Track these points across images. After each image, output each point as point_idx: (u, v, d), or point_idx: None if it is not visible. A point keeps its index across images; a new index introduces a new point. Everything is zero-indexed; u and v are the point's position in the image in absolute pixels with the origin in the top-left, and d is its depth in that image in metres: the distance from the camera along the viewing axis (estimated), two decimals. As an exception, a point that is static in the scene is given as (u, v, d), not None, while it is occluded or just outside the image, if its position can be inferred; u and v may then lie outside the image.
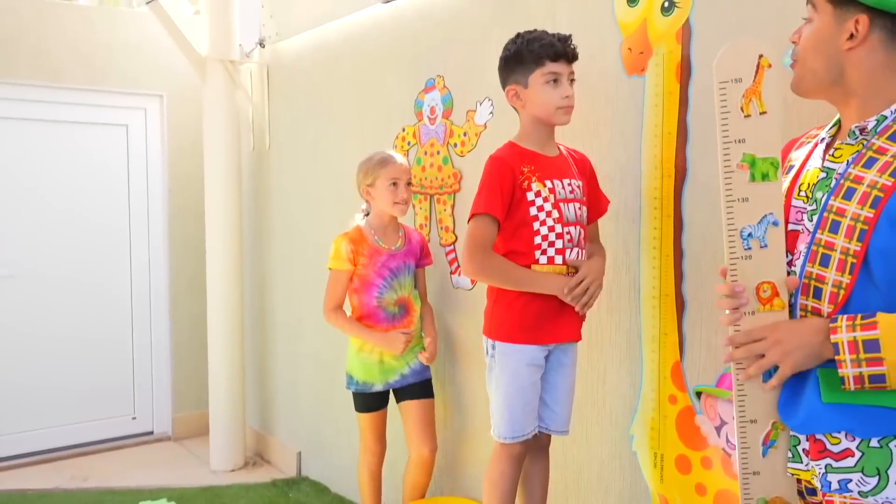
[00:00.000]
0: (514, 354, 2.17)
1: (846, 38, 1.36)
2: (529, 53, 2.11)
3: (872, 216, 1.30)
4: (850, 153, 1.39)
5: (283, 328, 4.16)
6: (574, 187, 2.19)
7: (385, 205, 2.78)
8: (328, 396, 3.79)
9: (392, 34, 3.20)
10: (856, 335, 1.28)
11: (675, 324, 2.18)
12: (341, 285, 2.84)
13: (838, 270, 1.34)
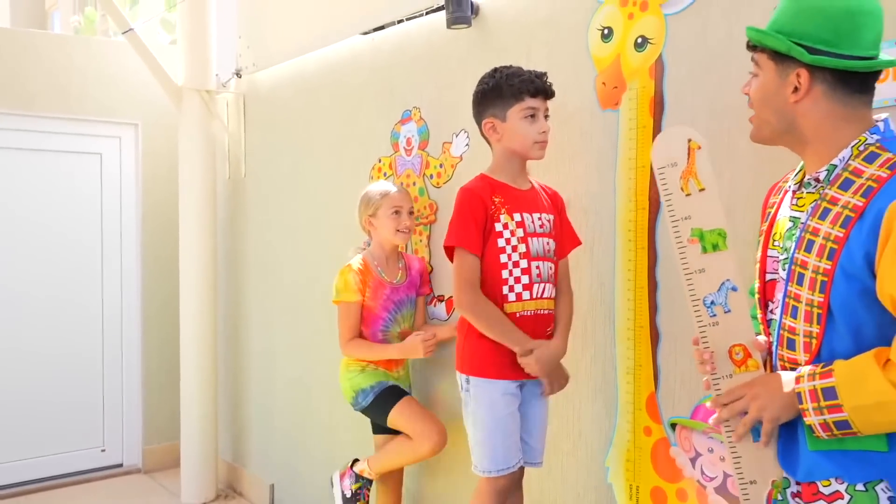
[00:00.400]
0: (488, 387, 2.17)
1: (791, 91, 1.42)
2: (510, 88, 2.14)
3: (830, 268, 1.35)
4: (810, 201, 1.44)
5: (257, 357, 4.11)
6: (544, 221, 2.20)
7: (388, 233, 2.76)
8: (302, 427, 3.75)
9: (369, 66, 3.22)
10: (815, 384, 1.34)
11: (650, 355, 2.19)
12: (354, 316, 2.78)
13: (806, 321, 1.40)
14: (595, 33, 2.31)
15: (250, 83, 4.09)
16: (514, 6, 2.59)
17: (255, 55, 4.01)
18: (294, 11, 3.71)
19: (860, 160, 1.37)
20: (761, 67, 1.47)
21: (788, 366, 1.45)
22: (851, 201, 1.34)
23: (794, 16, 1.41)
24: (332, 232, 3.48)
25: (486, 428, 2.17)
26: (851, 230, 1.32)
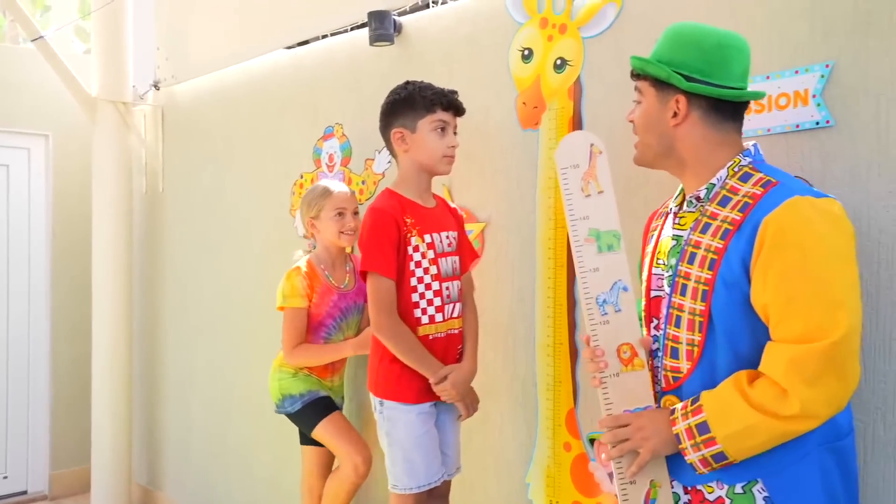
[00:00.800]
0: (404, 409, 2.15)
1: (671, 116, 1.53)
2: (422, 99, 2.12)
3: (710, 277, 1.44)
4: (691, 220, 1.54)
5: (174, 377, 3.99)
6: (451, 239, 2.21)
7: (331, 236, 2.64)
8: (221, 449, 3.65)
9: (291, 81, 3.19)
10: (689, 422, 1.42)
11: (569, 372, 2.22)
12: (300, 323, 2.63)
13: (689, 330, 1.48)
14: (516, 54, 2.34)
15: (169, 95, 3.99)
16: (436, 25, 2.61)
17: (175, 67, 3.91)
18: (215, 23, 3.65)
19: (735, 179, 1.49)
20: (644, 94, 1.57)
21: (671, 374, 1.52)
22: (730, 215, 1.45)
23: (672, 47, 1.53)
24: (252, 249, 3.42)
25: (404, 447, 2.15)
26: (730, 241, 1.42)
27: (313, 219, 2.66)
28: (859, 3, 1.64)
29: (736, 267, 1.41)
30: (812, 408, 1.33)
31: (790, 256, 1.35)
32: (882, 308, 1.62)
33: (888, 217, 1.61)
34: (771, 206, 1.39)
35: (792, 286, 1.34)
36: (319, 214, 2.64)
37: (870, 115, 1.63)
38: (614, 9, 2.10)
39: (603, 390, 1.53)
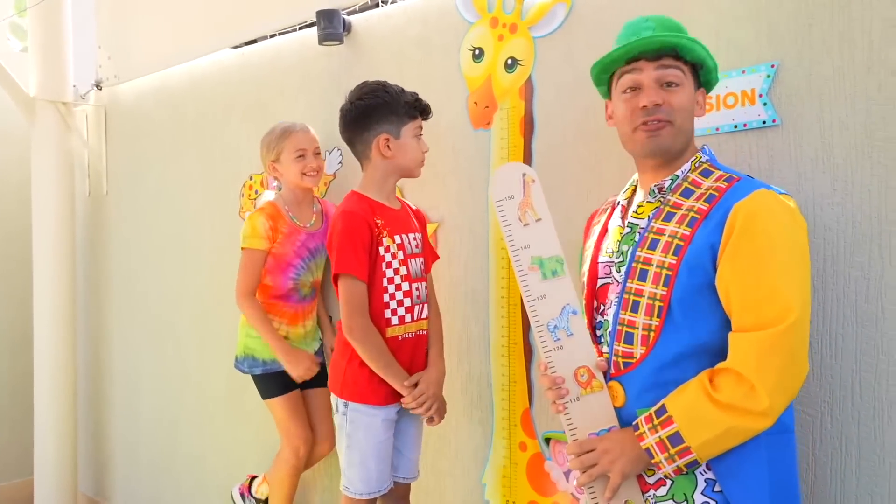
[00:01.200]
0: (368, 412, 2.13)
1: (697, 109, 1.56)
2: (404, 105, 2.12)
3: (676, 263, 1.44)
4: (650, 209, 1.55)
5: (121, 384, 3.89)
6: (418, 241, 2.20)
7: (293, 177, 2.54)
8: (171, 457, 3.57)
9: (238, 80, 3.13)
10: (659, 435, 1.41)
11: (524, 372, 2.22)
12: (257, 266, 2.53)
13: (647, 315, 1.47)
14: (466, 53, 2.33)
15: (112, 95, 3.88)
16: (386, 24, 2.58)
17: (117, 66, 3.81)
18: (159, 22, 3.56)
19: (697, 174, 1.52)
20: (686, 78, 1.53)
21: (621, 360, 1.51)
22: (696, 205, 1.47)
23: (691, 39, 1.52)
24: (201, 252, 3.35)
25: (363, 452, 2.13)
26: (698, 228, 1.44)
27: (274, 161, 2.58)
28: (802, 6, 1.67)
29: (703, 252, 1.42)
30: (778, 400, 1.35)
31: (759, 242, 1.38)
32: (828, 303, 1.65)
33: (832, 214, 1.64)
34: (739, 196, 1.42)
35: (761, 270, 1.37)
36: (280, 157, 2.56)
37: (813, 114, 1.66)
38: (564, 9, 2.10)
39: (566, 416, 1.52)
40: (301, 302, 2.62)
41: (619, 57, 1.54)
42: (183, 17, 3.39)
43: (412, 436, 2.25)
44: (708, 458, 1.39)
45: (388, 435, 2.15)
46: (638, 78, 1.52)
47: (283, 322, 2.59)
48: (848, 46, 1.61)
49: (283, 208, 2.58)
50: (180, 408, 3.51)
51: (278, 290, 2.58)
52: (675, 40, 1.49)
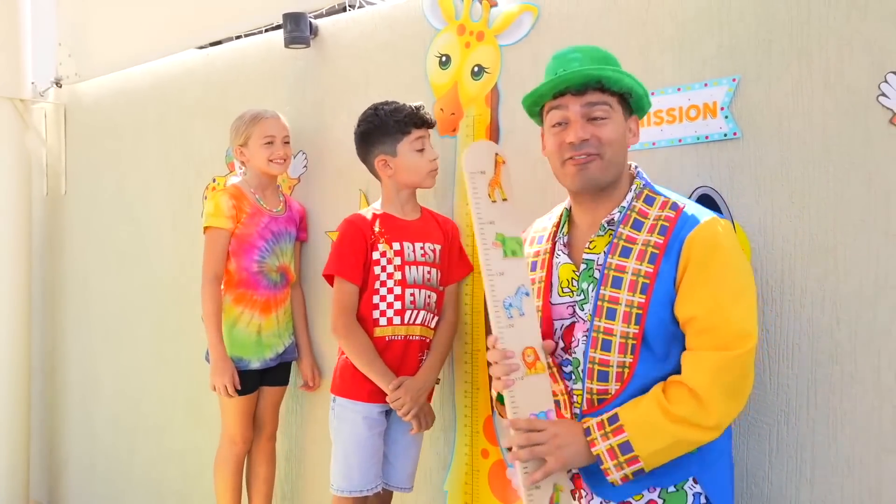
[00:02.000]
0: (352, 408, 2.17)
1: (629, 137, 1.56)
2: (396, 123, 2.14)
3: (644, 301, 1.46)
4: (603, 244, 1.54)
5: (77, 389, 3.81)
6: (427, 251, 2.19)
7: (260, 163, 2.52)
8: (128, 463, 3.50)
9: (203, 82, 3.09)
10: (610, 443, 1.42)
11: (487, 379, 2.22)
12: (221, 247, 2.49)
13: (620, 353, 1.48)
14: (433, 60, 2.33)
15: (72, 94, 3.81)
16: (353, 29, 2.57)
17: (78, 64, 3.74)
18: (122, 20, 3.50)
19: (641, 202, 1.53)
20: (614, 110, 1.53)
21: (596, 397, 1.51)
22: (651, 239, 1.48)
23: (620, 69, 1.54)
24: (162, 254, 3.30)
25: (345, 449, 2.17)
26: (660, 265, 1.45)
27: (241, 146, 2.56)
28: (762, 22, 1.70)
29: (668, 287, 1.45)
30: (724, 419, 1.42)
31: (714, 271, 1.43)
32: (785, 314, 1.68)
33: (790, 226, 1.67)
34: (689, 227, 1.46)
35: (719, 296, 1.41)
36: (248, 142, 2.54)
37: (773, 128, 1.69)
38: (531, 17, 2.12)
39: (510, 393, 1.52)
40: (272, 289, 2.57)
41: (546, 92, 1.54)
42: (147, 16, 3.34)
43: (402, 445, 2.23)
44: (654, 466, 1.42)
45: (371, 433, 2.16)
46: (565, 114, 1.52)
47: (255, 312, 2.54)
48: (806, 63, 1.65)
49: (247, 190, 2.57)
50: (138, 413, 3.45)
51: (244, 274, 2.52)
52: (598, 73, 1.49)
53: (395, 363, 2.15)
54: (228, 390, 2.47)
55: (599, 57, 1.54)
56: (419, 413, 2.13)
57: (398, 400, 2.10)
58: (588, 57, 1.53)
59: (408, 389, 2.11)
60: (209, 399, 2.77)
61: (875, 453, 1.59)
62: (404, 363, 2.16)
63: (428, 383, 2.17)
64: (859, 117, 1.59)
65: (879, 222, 1.57)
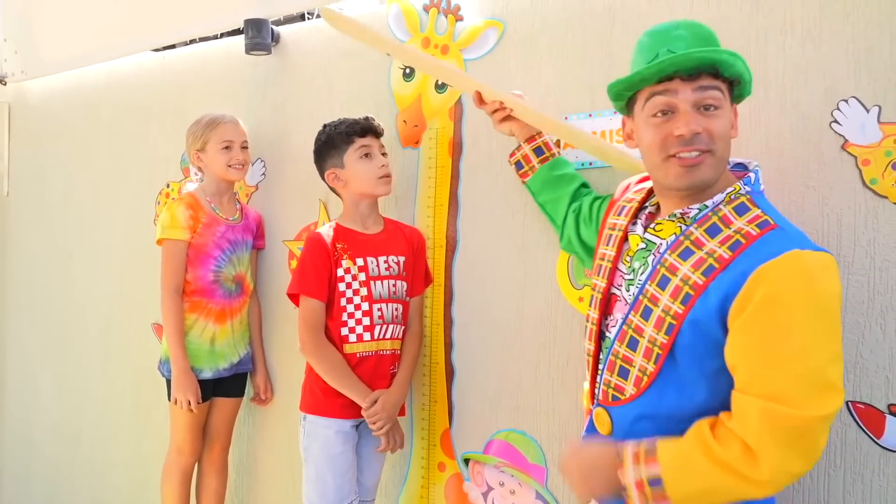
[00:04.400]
0: (322, 424, 2.15)
1: (733, 131, 1.39)
2: (339, 135, 2.16)
3: (682, 312, 1.31)
4: (670, 231, 1.41)
5: (15, 396, 3.69)
6: (391, 264, 2.17)
7: (218, 169, 2.48)
8: (69, 471, 3.40)
9: (159, 85, 3.04)
10: (640, 473, 1.28)
11: (445, 392, 2.22)
12: (179, 258, 2.44)
13: (645, 357, 1.37)
14: (397, 72, 2.33)
15: (18, 92, 3.70)
16: (316, 37, 2.56)
17: (25, 61, 3.63)
18: (74, 18, 3.40)
19: (730, 208, 1.34)
20: (725, 99, 1.36)
21: (612, 391, 1.43)
22: (717, 251, 1.30)
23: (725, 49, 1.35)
24: (110, 259, 3.21)
25: (318, 465, 2.14)
26: (713, 280, 1.29)
27: (199, 151, 2.51)
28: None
29: (713, 308, 1.28)
30: (779, 477, 1.22)
31: (779, 318, 1.22)
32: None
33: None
34: (766, 255, 1.25)
35: (774, 349, 1.22)
36: (205, 147, 2.50)
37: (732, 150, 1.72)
38: (496, 33, 2.14)
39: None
40: (227, 298, 2.53)
41: (650, 76, 1.34)
42: (102, 15, 3.25)
43: (367, 458, 2.21)
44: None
45: (344, 448, 2.14)
46: (672, 101, 1.33)
47: (209, 321, 2.50)
48: (763, 89, 1.70)
49: (203, 199, 2.53)
50: (81, 422, 3.35)
51: (200, 283, 2.48)
52: (715, 56, 1.31)
53: (367, 378, 2.13)
54: (192, 405, 2.42)
55: (706, 36, 1.37)
56: (391, 430, 2.12)
57: (375, 415, 2.08)
58: (695, 36, 1.35)
59: (384, 404, 2.09)
60: (158, 407, 2.72)
61: (823, 468, 1.63)
62: (376, 377, 2.14)
63: (402, 397, 2.16)
64: (813, 142, 1.64)
65: (832, 244, 1.62)
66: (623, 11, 1.90)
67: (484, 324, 2.15)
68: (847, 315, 1.60)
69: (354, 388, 2.10)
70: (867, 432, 1.59)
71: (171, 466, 2.58)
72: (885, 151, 1.56)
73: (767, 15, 1.70)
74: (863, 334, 1.59)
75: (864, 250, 1.59)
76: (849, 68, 1.60)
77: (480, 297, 2.15)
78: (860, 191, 1.59)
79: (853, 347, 1.60)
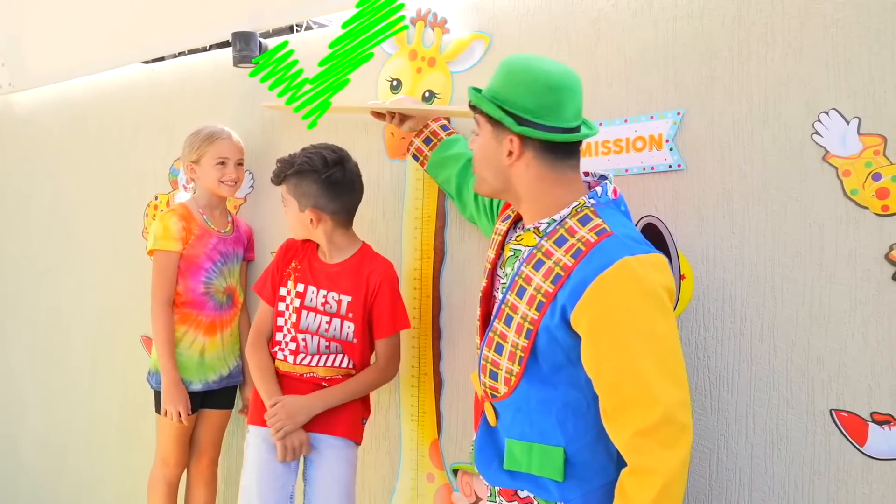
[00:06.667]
0: (255, 433, 2.18)
1: (506, 155, 1.54)
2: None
3: (537, 318, 1.48)
4: (530, 241, 1.59)
5: (1, 410, 3.67)
6: (330, 301, 2.13)
7: (210, 184, 2.49)
8: (56, 485, 3.38)
9: (147, 98, 3.04)
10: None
11: (434, 403, 2.22)
12: (171, 270, 2.45)
13: (510, 360, 1.54)
14: (384, 84, 2.35)
15: (5, 104, 3.69)
16: (303, 50, 2.56)
17: (13, 74, 3.62)
18: (63, 30, 3.40)
19: (576, 220, 1.51)
20: (481, 128, 1.59)
21: (489, 391, 1.60)
22: (563, 259, 1.47)
23: (506, 86, 1.53)
24: (98, 272, 3.21)
25: (247, 473, 2.16)
26: (559, 288, 1.46)
27: (193, 163, 2.51)
28: (705, 59, 1.77)
29: (557, 314, 1.45)
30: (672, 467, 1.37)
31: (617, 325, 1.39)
32: (725, 341, 1.74)
33: (731, 256, 1.73)
34: (600, 263, 1.41)
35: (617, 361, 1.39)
36: (200, 160, 2.50)
37: (715, 161, 1.76)
38: (482, 45, 2.15)
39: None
40: (218, 310, 2.52)
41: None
42: (89, 26, 3.26)
43: (320, 483, 2.13)
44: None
45: (271, 457, 2.11)
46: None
47: (199, 333, 2.50)
48: (746, 100, 1.72)
49: (195, 211, 2.53)
50: (68, 436, 3.33)
51: (191, 295, 2.48)
52: (469, 95, 1.58)
53: (291, 392, 2.13)
54: (182, 416, 2.42)
55: (499, 72, 1.57)
56: (290, 438, 2.06)
57: (274, 416, 2.06)
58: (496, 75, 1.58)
59: (284, 405, 2.07)
60: (146, 420, 2.70)
61: (808, 476, 1.65)
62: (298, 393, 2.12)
63: (310, 407, 2.09)
64: (795, 153, 1.66)
65: (814, 254, 1.64)
66: (607, 25, 1.92)
67: (472, 335, 2.15)
68: (829, 325, 1.62)
69: (266, 390, 2.12)
70: (850, 440, 1.60)
71: (156, 478, 2.57)
72: (865, 162, 1.58)
73: (749, 28, 1.72)
74: (845, 343, 1.61)
75: (846, 260, 1.61)
76: (829, 81, 1.63)
77: (468, 308, 2.16)
78: (841, 201, 1.61)
79: (835, 356, 1.62)
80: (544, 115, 1.49)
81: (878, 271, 1.57)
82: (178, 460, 2.56)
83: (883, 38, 1.57)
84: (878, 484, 1.58)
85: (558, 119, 1.50)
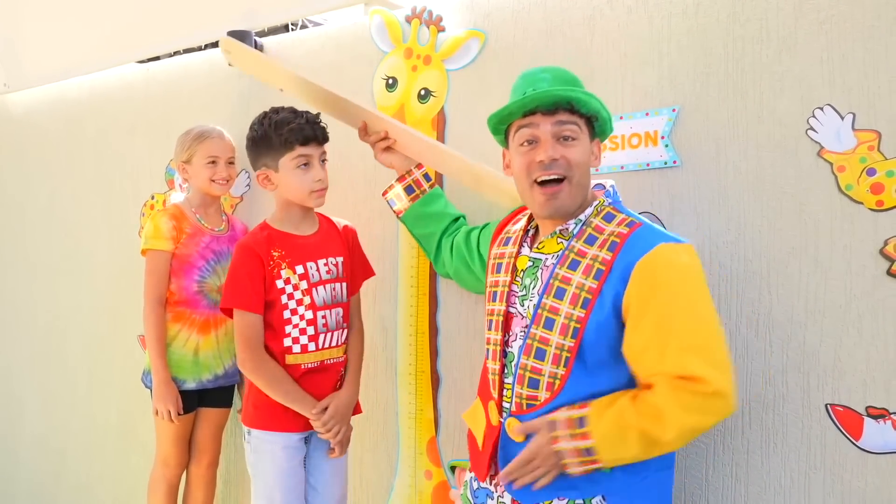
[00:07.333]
0: (269, 440, 2.07)
1: (593, 160, 1.59)
2: (278, 137, 2.02)
3: (584, 316, 1.48)
4: (552, 247, 1.59)
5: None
6: (331, 266, 2.13)
7: (202, 183, 2.49)
8: (54, 487, 3.38)
9: (144, 97, 3.04)
10: (576, 445, 1.45)
11: (431, 400, 2.23)
12: (163, 269, 2.45)
13: (553, 363, 1.51)
14: (380, 82, 2.35)
15: (1, 105, 3.69)
16: (299, 48, 2.57)
17: (8, 74, 3.62)
18: (58, 30, 3.40)
19: (600, 218, 1.55)
20: (582, 132, 1.55)
21: (525, 401, 1.55)
22: (600, 255, 1.49)
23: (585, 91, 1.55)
24: (95, 273, 3.21)
25: (266, 482, 2.07)
26: (604, 282, 1.47)
27: (185, 163, 2.51)
28: (700, 56, 1.78)
29: (608, 307, 1.46)
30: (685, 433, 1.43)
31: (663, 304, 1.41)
32: (721, 336, 1.74)
33: (727, 252, 1.74)
34: (640, 249, 1.45)
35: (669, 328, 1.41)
36: (191, 160, 2.50)
37: (711, 158, 1.76)
38: (478, 43, 2.16)
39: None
40: (212, 308, 2.50)
41: (516, 110, 1.55)
42: (85, 26, 3.26)
43: (327, 472, 2.15)
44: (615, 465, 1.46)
45: (292, 464, 2.08)
46: (534, 132, 1.54)
47: (193, 331, 2.49)
48: (741, 96, 1.73)
49: (188, 210, 2.53)
50: (67, 437, 3.33)
51: (184, 294, 2.48)
52: (570, 94, 1.51)
53: (315, 390, 2.07)
54: (172, 415, 2.41)
55: (568, 78, 1.57)
56: (342, 434, 2.08)
57: (329, 421, 2.04)
58: (556, 78, 1.56)
59: (336, 408, 2.05)
60: (144, 421, 2.70)
61: (804, 471, 1.66)
62: (323, 390, 2.09)
63: (353, 396, 2.12)
64: (790, 149, 1.67)
65: (809, 249, 1.65)
66: (603, 22, 1.93)
67: (469, 332, 2.16)
68: (824, 319, 1.63)
69: (299, 401, 2.03)
70: (846, 434, 1.61)
71: (156, 479, 2.57)
72: (860, 158, 1.59)
73: (744, 25, 1.73)
74: (840, 338, 1.61)
75: (841, 255, 1.61)
76: (823, 76, 1.63)
77: (465, 305, 2.17)
78: (836, 197, 1.62)
79: (831, 351, 1.62)
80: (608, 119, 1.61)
81: (872, 266, 1.58)
82: (178, 461, 2.56)
83: (877, 33, 1.58)
84: (873, 478, 1.59)
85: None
